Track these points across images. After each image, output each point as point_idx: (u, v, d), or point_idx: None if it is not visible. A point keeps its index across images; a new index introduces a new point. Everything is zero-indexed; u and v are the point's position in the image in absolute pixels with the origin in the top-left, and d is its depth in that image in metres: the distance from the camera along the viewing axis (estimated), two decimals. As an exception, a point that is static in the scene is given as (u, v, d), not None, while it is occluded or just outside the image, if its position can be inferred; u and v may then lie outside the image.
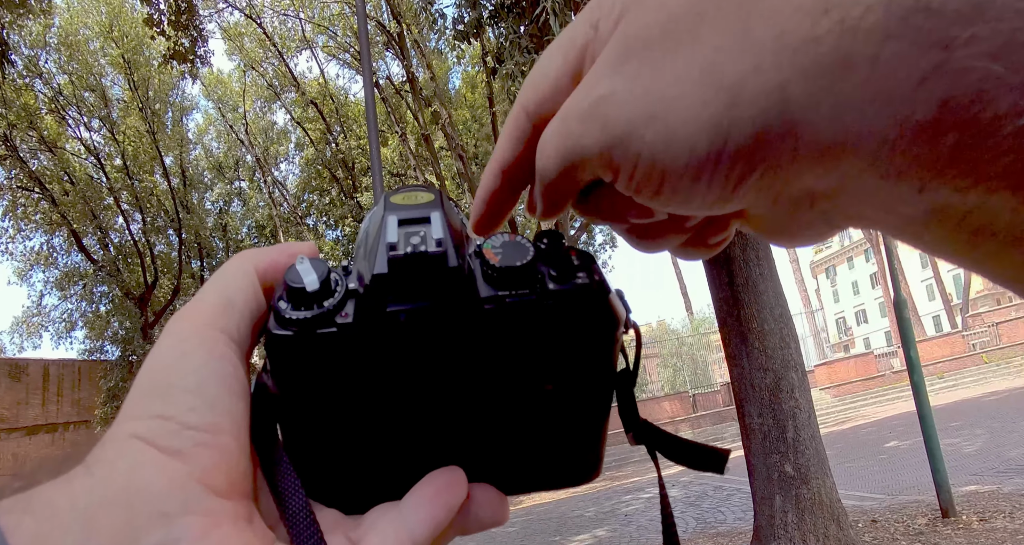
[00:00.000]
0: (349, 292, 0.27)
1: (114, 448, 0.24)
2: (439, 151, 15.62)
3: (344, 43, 17.48)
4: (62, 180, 16.21)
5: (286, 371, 0.27)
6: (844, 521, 4.51)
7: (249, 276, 0.29)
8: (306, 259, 0.27)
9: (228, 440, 0.25)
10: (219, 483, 0.24)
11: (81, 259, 17.44)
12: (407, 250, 0.26)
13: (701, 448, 0.33)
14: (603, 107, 0.23)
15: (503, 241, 0.29)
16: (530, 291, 0.28)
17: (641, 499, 9.05)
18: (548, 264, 0.29)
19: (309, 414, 0.29)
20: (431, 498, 0.29)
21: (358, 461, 0.30)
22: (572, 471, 0.34)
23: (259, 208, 20.59)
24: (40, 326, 18.40)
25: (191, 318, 0.27)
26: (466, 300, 0.27)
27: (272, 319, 0.27)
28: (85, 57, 16.53)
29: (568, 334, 0.29)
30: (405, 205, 0.28)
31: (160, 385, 0.25)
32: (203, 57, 9.54)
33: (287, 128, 21.10)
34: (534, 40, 4.82)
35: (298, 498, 0.27)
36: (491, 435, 0.31)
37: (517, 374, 0.29)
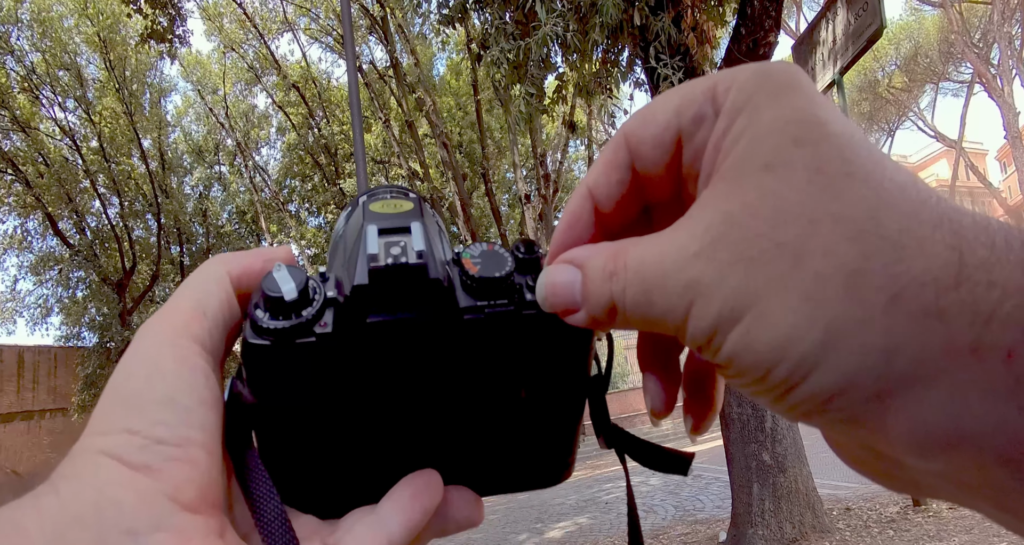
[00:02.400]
0: (328, 301, 0.27)
1: (82, 464, 0.23)
2: (423, 138, 15.48)
3: (327, 26, 17.19)
4: (36, 162, 15.80)
5: (263, 380, 0.27)
6: (819, 509, 4.60)
7: (223, 283, 0.29)
8: (283, 266, 0.27)
9: (199, 453, 0.24)
10: (190, 498, 0.24)
11: (57, 243, 17.05)
12: (388, 261, 0.26)
13: (667, 452, 0.34)
14: (690, 293, 0.22)
15: (482, 250, 0.29)
16: (508, 302, 0.28)
17: (621, 487, 9.14)
18: (525, 274, 0.29)
19: (285, 421, 0.28)
20: (408, 501, 0.29)
21: (335, 467, 0.31)
22: (544, 473, 0.35)
23: (240, 193, 20.26)
24: (14, 312, 18.02)
25: (162, 327, 0.27)
26: (446, 311, 0.27)
27: (249, 328, 0.26)
28: (59, 35, 16.06)
29: (544, 343, 0.29)
30: (385, 214, 0.28)
31: (129, 397, 0.25)
32: (182, 37, 9.32)
33: (268, 112, 20.74)
34: (520, 26, 4.76)
35: (272, 505, 0.27)
36: (466, 439, 0.32)
37: (493, 381, 0.30)
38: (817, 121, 0.21)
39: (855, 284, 0.19)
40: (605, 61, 5.03)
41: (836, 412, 0.20)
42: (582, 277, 0.25)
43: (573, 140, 16.03)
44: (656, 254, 0.23)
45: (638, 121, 0.26)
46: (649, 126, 0.26)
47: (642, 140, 0.26)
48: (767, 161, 0.21)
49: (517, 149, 14.40)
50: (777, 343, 0.20)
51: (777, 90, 0.22)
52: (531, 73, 4.78)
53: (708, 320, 0.21)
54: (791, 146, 0.21)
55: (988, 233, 0.18)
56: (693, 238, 0.22)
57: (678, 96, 0.25)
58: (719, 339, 0.21)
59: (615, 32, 4.45)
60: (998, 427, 0.17)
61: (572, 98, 6.76)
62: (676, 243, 0.23)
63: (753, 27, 4.41)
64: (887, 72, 26.42)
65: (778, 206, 0.20)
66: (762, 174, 0.21)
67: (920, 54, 25.17)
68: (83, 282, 17.28)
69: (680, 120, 0.25)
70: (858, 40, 4.52)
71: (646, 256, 0.23)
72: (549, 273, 0.26)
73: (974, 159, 30.89)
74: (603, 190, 0.27)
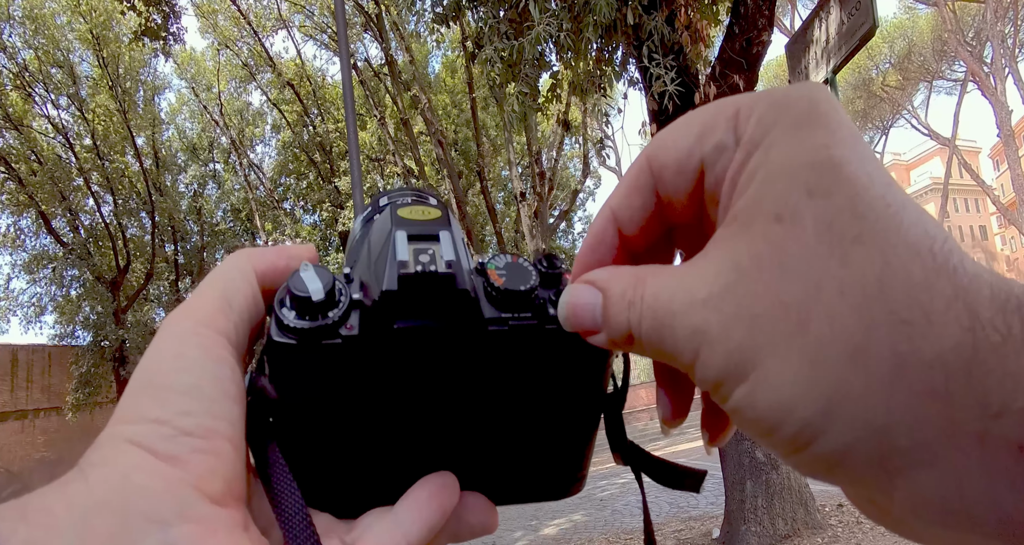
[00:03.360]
0: (353, 303, 0.27)
1: (109, 452, 0.23)
2: (418, 136, 15.46)
3: (321, 23, 17.14)
4: (29, 159, 15.70)
5: (286, 378, 0.27)
6: (811, 505, 4.63)
7: (248, 278, 0.29)
8: (311, 266, 0.27)
9: (224, 445, 0.25)
10: (215, 489, 0.24)
11: (50, 242, 16.95)
12: (417, 269, 0.26)
13: (682, 470, 0.35)
14: (696, 341, 0.22)
15: (507, 262, 0.29)
16: (532, 315, 0.28)
17: (616, 484, 9.18)
18: (548, 288, 0.30)
19: (306, 419, 0.29)
20: (425, 501, 0.30)
21: (353, 466, 0.31)
22: (555, 485, 0.36)
23: (235, 191, 20.18)
24: (8, 310, 17.86)
25: (189, 318, 0.27)
26: (472, 321, 0.28)
27: (274, 325, 0.26)
28: (52, 32, 15.95)
29: (564, 358, 0.30)
30: (414, 220, 0.29)
31: (156, 387, 0.25)
32: (176, 34, 9.25)
33: (263, 109, 20.66)
34: (513, 25, 4.77)
35: (294, 500, 0.27)
36: (484, 447, 0.32)
37: (513, 392, 0.30)
38: (832, 165, 0.20)
39: (858, 357, 0.18)
40: (599, 60, 5.04)
41: (842, 475, 0.20)
42: (603, 300, 0.25)
43: (568, 138, 16.05)
44: (669, 291, 0.23)
45: (660, 145, 0.26)
46: (671, 151, 0.25)
47: (665, 165, 0.26)
48: (778, 211, 0.20)
49: (512, 147, 14.40)
50: (780, 406, 0.19)
51: (796, 124, 0.21)
52: (525, 72, 4.78)
53: (714, 371, 0.21)
54: (804, 196, 0.20)
55: (1005, 314, 0.17)
56: (703, 283, 0.22)
57: (700, 122, 0.25)
58: (725, 390, 0.21)
59: (609, 31, 4.46)
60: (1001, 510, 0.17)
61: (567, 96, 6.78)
62: (686, 284, 0.23)
63: (747, 26, 4.42)
64: (881, 70, 26.50)
65: (785, 263, 0.20)
66: (772, 224, 0.21)
67: (914, 52, 25.25)
68: (77, 280, 17.18)
69: (702, 148, 0.24)
70: (851, 39, 4.54)
71: (661, 292, 0.23)
72: (572, 293, 0.27)
73: (967, 157, 31.03)
74: (626, 213, 0.27)
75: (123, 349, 15.34)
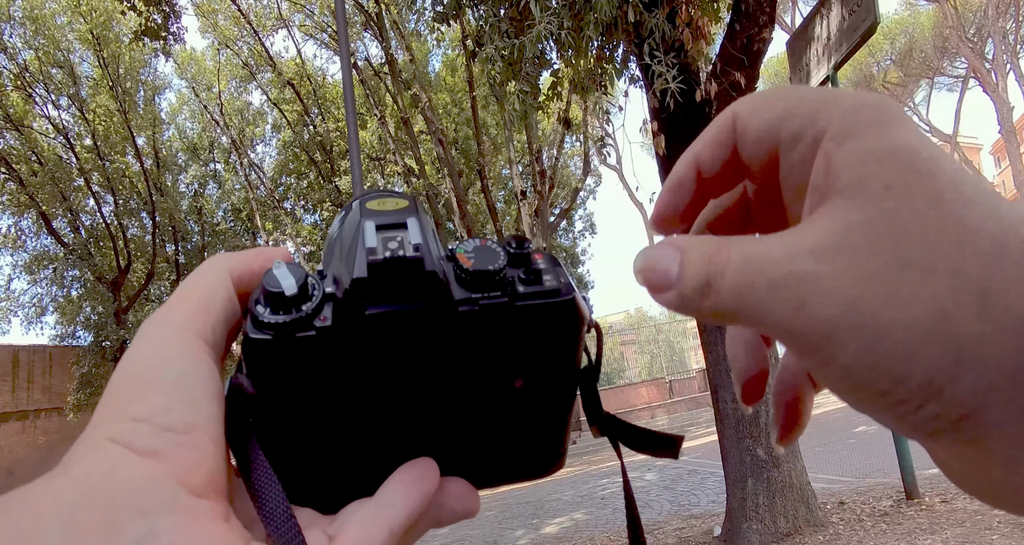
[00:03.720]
0: (327, 296, 0.28)
1: (91, 450, 0.24)
2: (419, 135, 15.45)
3: (322, 22, 17.13)
4: (30, 160, 15.72)
5: (264, 374, 0.28)
6: (813, 503, 4.63)
7: (224, 280, 0.29)
8: (283, 264, 0.28)
9: (204, 439, 0.25)
10: (197, 483, 0.24)
11: (51, 242, 16.98)
12: (386, 255, 0.27)
13: (658, 436, 0.35)
14: (800, 289, 0.21)
15: (475, 246, 0.30)
16: (502, 294, 0.29)
17: (617, 483, 9.17)
18: (517, 267, 0.30)
19: (285, 414, 0.29)
20: (406, 487, 0.30)
21: (332, 460, 0.31)
22: (538, 463, 0.36)
23: (235, 191, 20.19)
24: (9, 311, 17.91)
25: (166, 320, 0.27)
26: (442, 303, 0.28)
27: (249, 323, 0.27)
28: (52, 32, 15.97)
29: (537, 334, 0.30)
30: (382, 211, 0.29)
31: (135, 386, 0.25)
32: (176, 34, 9.24)
33: (263, 109, 20.66)
34: (514, 23, 4.75)
35: (275, 495, 0.27)
36: (462, 431, 0.32)
37: (489, 372, 0.31)
38: (930, 155, 0.22)
39: (986, 302, 0.19)
40: (600, 58, 5.02)
41: (965, 432, 0.20)
42: (680, 257, 0.25)
43: (568, 136, 16.04)
44: (765, 246, 0.23)
45: (747, 110, 0.27)
46: (754, 121, 0.26)
47: (746, 130, 0.27)
48: (887, 182, 0.21)
49: (513, 145, 14.39)
50: (904, 359, 0.19)
51: (885, 121, 0.23)
52: (526, 70, 4.77)
53: (819, 324, 0.21)
54: (909, 172, 0.21)
55: None
56: (810, 237, 0.22)
57: (782, 107, 0.26)
58: (831, 348, 0.20)
59: (609, 29, 4.44)
60: None
61: (567, 95, 6.77)
62: (788, 239, 0.22)
63: (748, 23, 4.41)
64: (882, 67, 26.46)
65: (901, 225, 0.20)
66: (883, 193, 0.21)
67: (915, 49, 25.20)
68: (78, 281, 17.21)
69: (779, 132, 0.26)
70: (852, 36, 4.52)
71: (752, 247, 0.23)
72: (650, 252, 0.26)
73: (969, 154, 30.97)
74: (708, 161, 0.29)
75: (124, 349, 15.28)
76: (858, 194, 0.22)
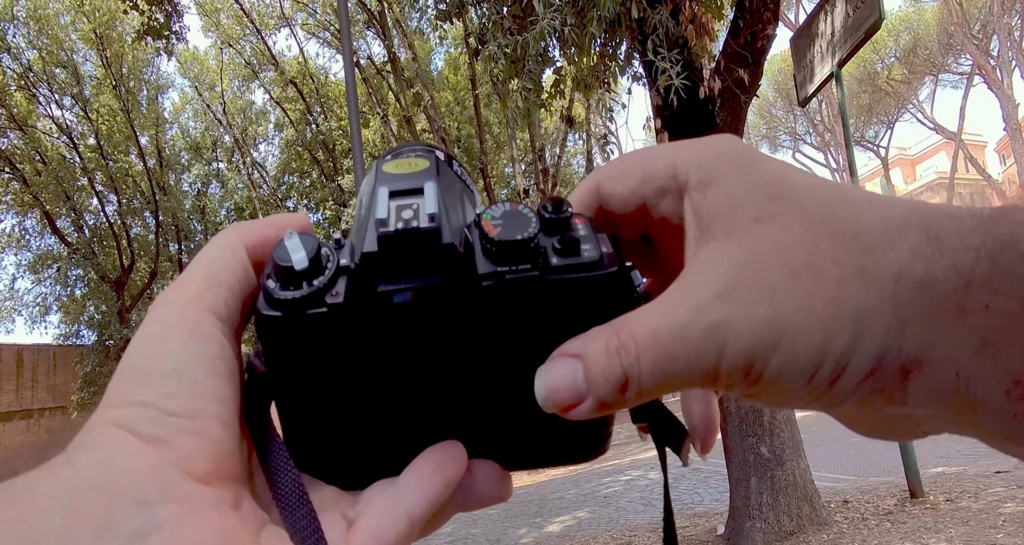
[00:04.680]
0: (340, 269, 0.26)
1: (95, 436, 0.24)
2: (421, 133, 15.43)
3: (324, 21, 17.12)
4: (33, 160, 15.74)
5: (276, 352, 0.26)
6: (817, 501, 4.61)
7: (237, 252, 0.28)
8: (295, 234, 0.26)
9: (211, 424, 0.25)
10: (201, 469, 0.24)
11: (55, 241, 17.01)
12: (398, 226, 0.25)
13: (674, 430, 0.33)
14: (719, 335, 0.23)
15: (503, 211, 0.27)
16: (532, 266, 0.26)
17: (620, 481, 9.16)
18: (552, 234, 0.27)
19: (302, 393, 0.28)
20: (428, 473, 0.29)
21: (355, 438, 0.30)
22: (577, 447, 0.33)
23: (238, 190, 20.20)
24: (13, 310, 17.96)
25: (175, 298, 0.27)
26: (463, 278, 0.26)
27: (261, 299, 0.26)
28: (55, 32, 15.98)
29: (574, 311, 0.27)
30: (397, 174, 0.27)
31: (141, 370, 0.25)
32: (178, 33, 9.25)
33: (266, 108, 20.66)
34: (517, 21, 4.74)
35: (289, 476, 0.26)
36: (492, 411, 0.30)
37: (517, 350, 0.28)
38: (782, 178, 0.25)
39: (865, 277, 0.22)
40: (603, 55, 5.00)
41: (868, 389, 0.22)
42: (582, 364, 0.25)
43: (571, 134, 16.00)
44: (665, 313, 0.24)
45: (608, 177, 0.29)
46: (618, 186, 0.29)
47: (611, 194, 0.29)
48: (755, 215, 0.24)
49: (515, 144, 14.37)
50: (818, 350, 0.22)
51: (738, 163, 0.26)
52: (529, 68, 4.76)
53: (743, 355, 0.23)
54: (770, 201, 0.24)
55: (948, 210, 0.22)
56: (706, 287, 0.24)
57: (642, 167, 0.28)
58: (758, 368, 0.23)
59: (612, 26, 4.43)
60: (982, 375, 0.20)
61: (570, 92, 6.76)
62: (686, 299, 0.24)
63: (751, 19, 4.39)
64: (886, 64, 26.34)
65: (779, 242, 0.23)
66: (755, 225, 0.24)
67: (919, 46, 25.09)
68: (81, 280, 17.24)
69: (643, 191, 0.28)
70: (856, 32, 4.50)
71: (655, 320, 0.24)
72: (546, 370, 0.26)
73: (973, 151, 30.84)
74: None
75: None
76: (732, 234, 0.24)
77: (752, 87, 4.54)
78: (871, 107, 27.13)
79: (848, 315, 0.22)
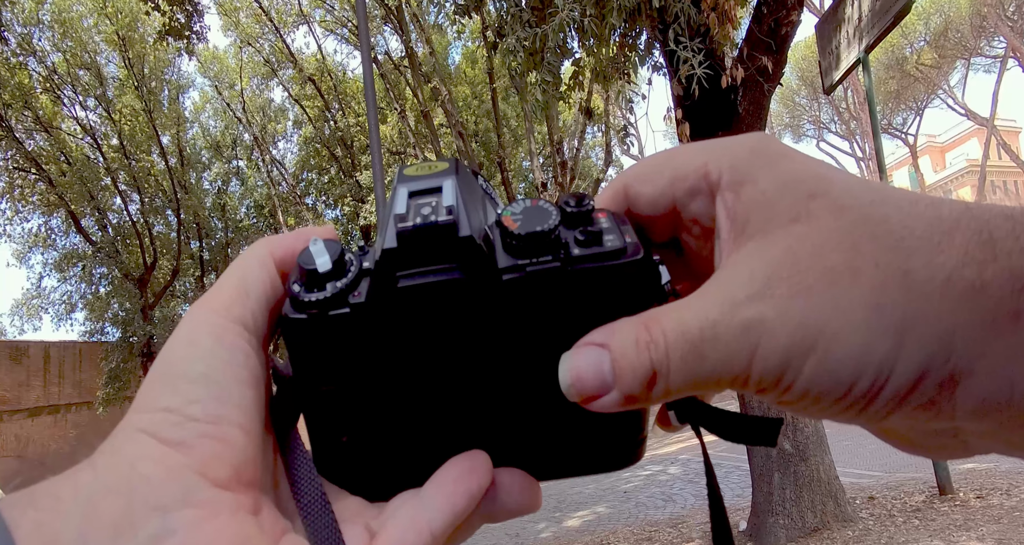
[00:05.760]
0: (363, 271, 0.26)
1: (121, 441, 0.24)
2: (439, 128, 15.44)
3: (342, 17, 17.17)
4: (59, 160, 16.03)
5: (301, 355, 0.27)
6: (841, 498, 4.53)
7: (266, 264, 0.29)
8: (319, 240, 0.27)
9: (233, 431, 0.25)
10: (221, 474, 0.24)
11: (80, 240, 17.30)
12: (416, 221, 0.24)
13: (752, 420, 0.30)
14: (752, 335, 0.22)
15: (524, 207, 0.26)
16: (553, 257, 0.25)
17: (640, 476, 9.11)
18: (574, 227, 0.26)
19: (328, 398, 0.28)
20: (451, 485, 0.28)
21: (380, 446, 0.30)
22: (610, 454, 0.31)
23: (258, 187, 20.40)
24: (40, 308, 18.33)
25: (205, 308, 0.28)
26: (482, 271, 0.25)
27: (288, 303, 0.26)
28: (79, 35, 16.23)
29: (599, 302, 0.26)
30: (417, 176, 0.27)
31: (168, 376, 0.26)
32: (199, 33, 9.33)
33: (284, 106, 20.80)
34: (536, 13, 4.69)
35: (312, 487, 0.27)
36: (519, 416, 0.29)
37: (544, 348, 0.27)
38: (819, 176, 0.24)
39: (909, 282, 0.20)
40: (623, 45, 4.94)
41: (913, 403, 0.21)
42: (609, 355, 0.24)
43: (590, 127, 15.88)
44: (697, 310, 0.23)
45: (637, 179, 0.29)
46: (646, 187, 0.28)
47: (640, 195, 0.29)
48: (792, 215, 0.23)
49: (533, 137, 14.31)
50: (856, 358, 0.21)
51: (771, 160, 0.25)
52: (547, 60, 4.71)
53: (777, 357, 0.22)
54: (808, 199, 0.23)
55: (1003, 211, 0.21)
56: (739, 286, 0.23)
57: (671, 167, 0.28)
58: (792, 374, 0.22)
59: (633, 15, 4.36)
60: None
61: (589, 84, 6.68)
62: (718, 296, 0.23)
63: (775, 6, 4.29)
64: (915, 49, 25.68)
65: (817, 242, 0.22)
66: (792, 225, 0.23)
67: (951, 29, 24.40)
68: (105, 278, 17.53)
69: (674, 191, 0.27)
70: (885, 16, 4.38)
71: (685, 316, 0.23)
72: (570, 358, 0.25)
73: (1007, 137, 30.04)
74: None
75: (151, 345, 15.60)
76: (768, 233, 0.23)
77: (776, 75, 4.45)
78: (899, 94, 26.49)
79: (889, 323, 0.20)
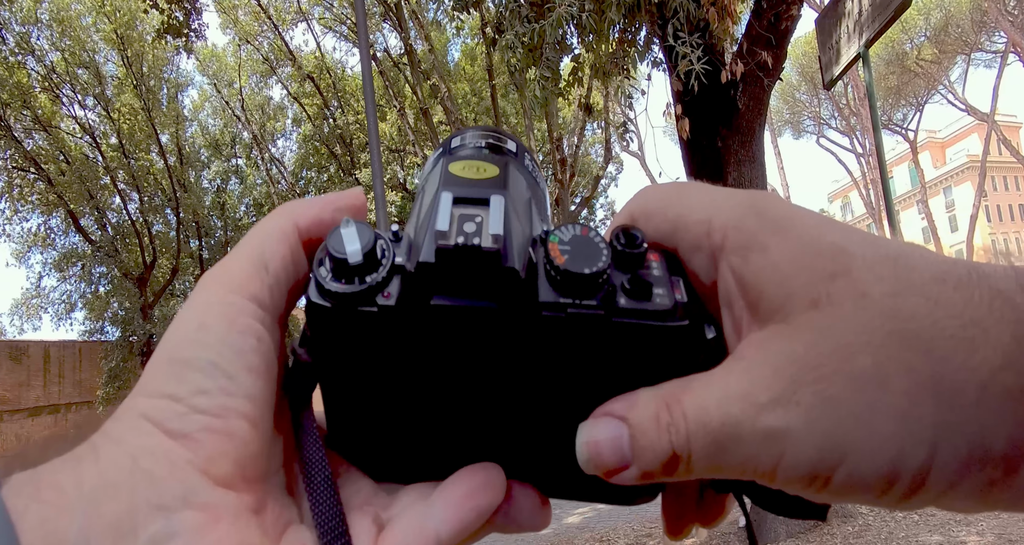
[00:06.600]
0: (395, 268, 0.25)
1: (124, 426, 0.24)
2: (438, 125, 15.40)
3: (341, 15, 17.12)
4: (58, 160, 16.01)
5: (322, 341, 0.26)
6: (846, 494, 4.52)
7: (288, 236, 0.27)
8: (352, 222, 0.25)
9: (240, 425, 0.24)
10: (224, 472, 0.23)
11: (79, 240, 17.30)
12: (459, 241, 0.23)
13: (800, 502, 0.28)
14: (777, 444, 0.21)
15: (573, 236, 0.25)
16: (598, 304, 0.24)
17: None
18: (624, 270, 0.25)
19: (345, 383, 0.27)
20: (462, 499, 0.28)
21: (396, 434, 0.29)
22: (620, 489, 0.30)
23: (257, 186, 20.38)
24: (39, 308, 18.33)
25: (218, 283, 0.26)
26: (521, 304, 0.24)
27: (312, 286, 0.25)
28: (77, 33, 16.19)
29: (638, 357, 0.25)
30: (464, 179, 0.26)
31: (175, 361, 0.25)
32: (197, 31, 9.29)
33: (283, 103, 20.76)
34: (534, 9, 4.66)
35: (321, 469, 0.26)
36: (537, 437, 0.29)
37: (571, 384, 0.26)
38: (838, 249, 0.22)
39: (941, 390, 0.19)
40: (622, 41, 4.91)
41: (956, 496, 0.21)
42: (628, 430, 0.24)
43: (589, 123, 15.84)
44: (718, 400, 0.22)
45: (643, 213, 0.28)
46: (650, 223, 0.27)
47: (644, 230, 0.27)
48: (812, 297, 0.22)
49: (533, 134, 14.27)
50: (887, 469, 0.20)
51: (778, 225, 0.23)
52: (546, 56, 4.68)
53: (805, 467, 0.21)
54: (827, 280, 0.21)
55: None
56: (761, 384, 0.22)
57: (676, 213, 0.26)
58: (821, 481, 0.21)
59: (632, 10, 4.33)
60: None
61: (588, 80, 6.66)
62: (738, 390, 0.22)
63: (775, 0, 4.26)
64: (916, 44, 25.58)
65: (840, 340, 0.21)
66: (812, 313, 0.21)
67: (951, 24, 24.31)
68: (105, 277, 17.54)
69: (676, 240, 0.26)
70: (885, 11, 4.35)
71: (707, 403, 0.22)
72: (589, 428, 0.25)
73: (1007, 133, 30.00)
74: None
75: (151, 344, 15.61)
76: (789, 318, 0.22)
77: (776, 70, 4.42)
78: (899, 89, 26.42)
79: (921, 432, 0.20)
